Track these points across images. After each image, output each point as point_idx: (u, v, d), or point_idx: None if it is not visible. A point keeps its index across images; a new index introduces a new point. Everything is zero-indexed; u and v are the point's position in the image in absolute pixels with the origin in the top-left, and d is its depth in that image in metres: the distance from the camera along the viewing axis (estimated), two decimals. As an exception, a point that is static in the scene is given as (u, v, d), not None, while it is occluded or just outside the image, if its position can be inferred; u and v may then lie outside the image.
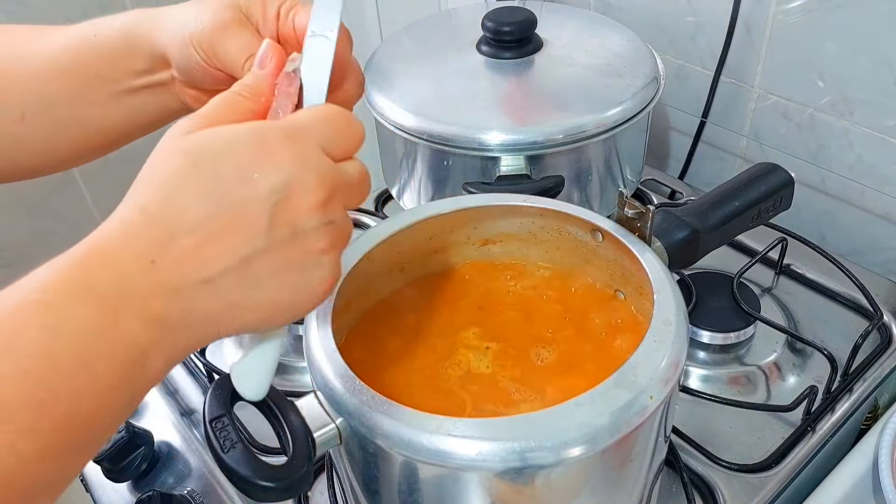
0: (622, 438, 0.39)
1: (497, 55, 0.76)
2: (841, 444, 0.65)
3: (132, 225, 0.32)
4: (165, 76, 0.46)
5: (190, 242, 0.32)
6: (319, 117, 0.36)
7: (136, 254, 0.31)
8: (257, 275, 0.33)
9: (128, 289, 0.31)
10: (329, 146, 0.35)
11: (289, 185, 0.33)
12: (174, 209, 0.32)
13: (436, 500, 0.42)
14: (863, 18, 0.70)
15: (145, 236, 0.32)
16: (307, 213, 0.34)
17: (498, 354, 0.49)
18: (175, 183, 0.33)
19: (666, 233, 0.51)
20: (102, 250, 0.31)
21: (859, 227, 0.81)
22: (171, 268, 0.32)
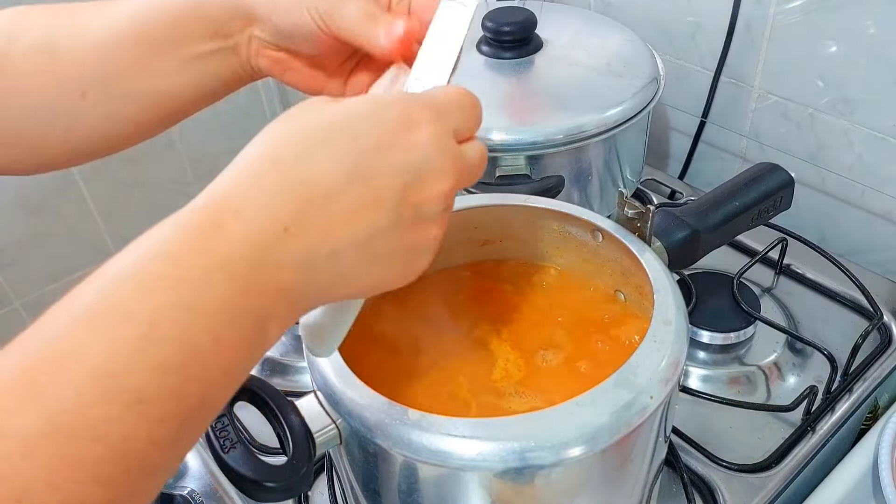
0: (622, 438, 0.39)
1: (497, 55, 0.76)
2: (841, 444, 0.65)
3: (265, 180, 0.30)
4: (241, 38, 0.44)
5: (324, 213, 0.31)
6: (454, 100, 0.36)
7: (270, 217, 0.30)
8: (376, 252, 0.33)
9: (261, 258, 0.29)
10: (459, 129, 0.35)
11: (423, 166, 0.33)
12: (309, 169, 0.31)
13: (436, 500, 0.41)
14: (863, 18, 0.70)
15: (280, 197, 0.30)
16: (434, 199, 0.33)
17: (498, 354, 0.49)
18: (311, 139, 0.31)
19: (666, 233, 0.51)
20: (235, 208, 0.30)
21: (859, 227, 0.81)
22: (303, 238, 0.30)
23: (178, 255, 0.29)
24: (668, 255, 0.50)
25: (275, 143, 0.32)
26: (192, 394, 0.28)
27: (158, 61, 0.44)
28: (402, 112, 0.33)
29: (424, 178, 0.33)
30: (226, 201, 0.30)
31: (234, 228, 0.29)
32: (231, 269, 0.29)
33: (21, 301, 1.48)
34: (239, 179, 0.31)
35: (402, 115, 0.33)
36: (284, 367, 0.70)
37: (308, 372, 0.44)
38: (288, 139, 0.32)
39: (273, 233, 0.30)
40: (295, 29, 0.42)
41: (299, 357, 0.70)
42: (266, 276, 0.30)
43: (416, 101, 0.34)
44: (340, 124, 0.32)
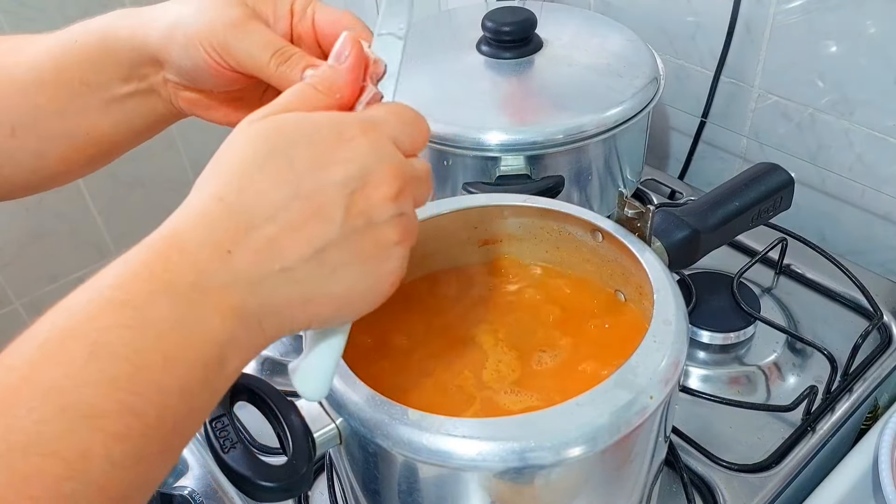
0: (622, 438, 0.39)
1: (497, 55, 0.76)
2: (841, 444, 0.65)
3: (208, 215, 0.31)
4: (156, 80, 0.44)
5: (267, 232, 0.31)
6: (392, 112, 0.36)
7: (214, 244, 0.31)
8: (332, 265, 0.33)
9: (206, 282, 0.30)
10: (400, 141, 0.35)
11: (364, 175, 0.33)
12: (250, 197, 0.32)
13: (436, 500, 0.41)
14: (863, 18, 0.70)
15: (222, 226, 0.31)
16: (381, 204, 0.33)
17: (498, 354, 0.49)
18: (250, 170, 0.32)
19: (666, 233, 0.51)
20: (178, 241, 0.31)
21: (859, 227, 0.81)
22: (248, 258, 0.31)
23: (123, 283, 0.30)
24: (668, 255, 0.50)
25: (217, 180, 0.32)
26: (149, 413, 0.28)
27: (81, 103, 0.44)
28: (333, 129, 0.33)
29: (367, 185, 0.33)
30: (172, 237, 0.31)
31: (178, 259, 0.30)
32: (175, 291, 0.30)
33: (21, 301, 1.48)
34: (185, 219, 0.32)
35: (335, 133, 0.33)
36: (284, 367, 0.70)
37: (308, 372, 0.43)
38: (229, 174, 0.32)
39: (216, 258, 0.31)
40: (195, 68, 0.41)
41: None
42: (213, 298, 0.30)
43: (345, 117, 0.35)
44: (275, 150, 0.33)
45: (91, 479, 0.26)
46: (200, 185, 0.33)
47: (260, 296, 0.32)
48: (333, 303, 0.34)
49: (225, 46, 0.40)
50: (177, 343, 0.29)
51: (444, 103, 0.72)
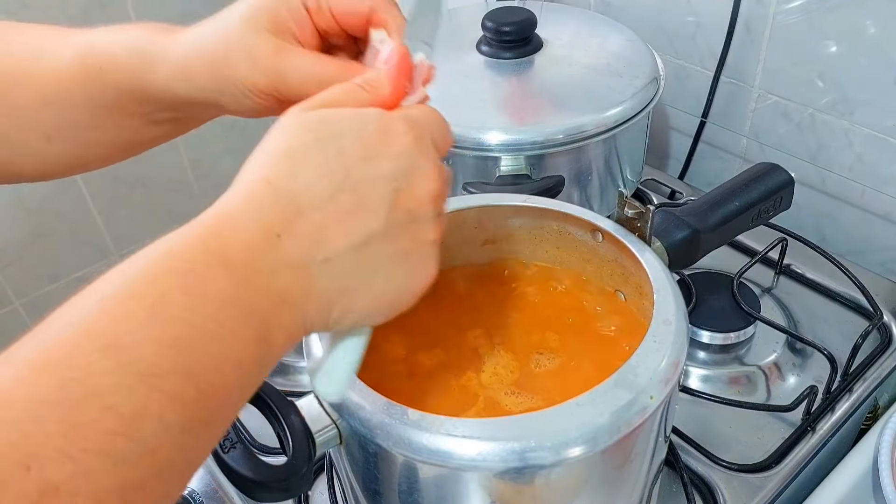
0: (622, 438, 0.39)
1: (497, 55, 0.76)
2: (841, 444, 0.65)
3: (259, 197, 0.32)
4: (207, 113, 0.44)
5: (315, 220, 0.32)
6: (429, 113, 0.37)
7: (264, 226, 0.31)
8: (373, 259, 0.33)
9: (257, 262, 0.31)
10: (436, 141, 0.36)
11: (411, 172, 0.34)
12: (300, 184, 0.32)
13: (436, 500, 0.41)
14: (863, 18, 0.70)
15: (271, 209, 0.32)
16: (425, 202, 0.34)
17: (498, 354, 0.49)
18: (300, 157, 0.33)
19: (666, 233, 0.51)
20: (230, 219, 0.31)
21: (859, 227, 0.81)
22: (295, 244, 0.32)
23: (182, 253, 0.30)
24: (668, 255, 0.50)
25: (268, 164, 0.33)
26: (202, 378, 0.29)
27: (121, 119, 0.45)
28: (382, 123, 0.34)
29: (413, 181, 0.34)
30: (223, 215, 0.32)
31: (230, 235, 0.31)
32: (232, 267, 0.30)
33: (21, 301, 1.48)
34: (236, 199, 0.32)
35: (383, 126, 0.34)
36: (284, 367, 0.70)
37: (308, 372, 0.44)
38: (279, 159, 0.33)
39: (266, 240, 0.31)
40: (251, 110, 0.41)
41: (299, 357, 0.70)
42: (263, 279, 0.31)
43: (392, 113, 0.35)
44: (324, 139, 0.33)
45: (142, 438, 0.26)
46: (250, 168, 0.33)
47: (304, 281, 0.32)
48: (370, 298, 0.34)
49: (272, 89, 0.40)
50: (234, 317, 0.30)
51: (444, 103, 0.71)
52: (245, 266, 0.30)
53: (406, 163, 0.34)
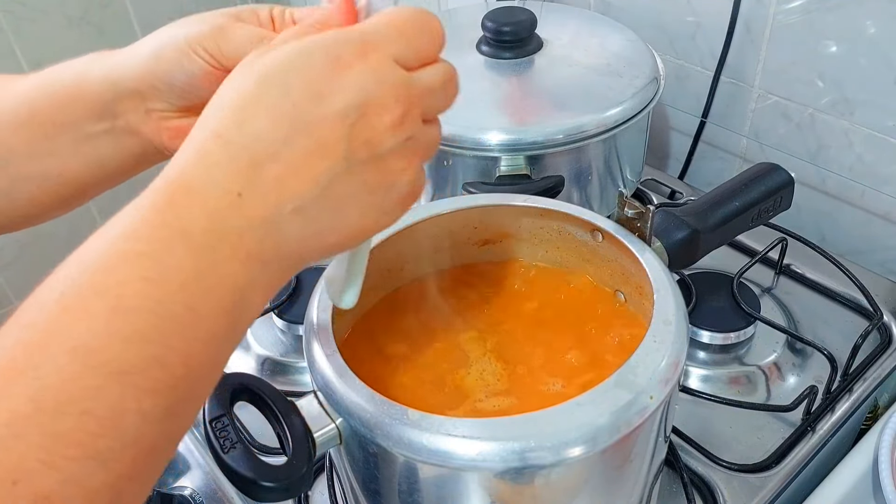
0: (622, 438, 0.39)
1: (497, 55, 0.76)
2: (841, 444, 0.65)
3: (210, 155, 0.31)
4: (135, 116, 0.43)
5: (273, 172, 0.31)
6: (390, 24, 0.33)
7: (222, 188, 0.30)
8: (340, 198, 0.32)
9: (220, 227, 0.30)
10: (403, 55, 0.33)
11: (363, 104, 0.31)
12: (249, 134, 0.31)
13: (436, 500, 0.42)
14: (863, 18, 0.70)
15: (226, 166, 0.30)
16: (384, 134, 0.32)
17: (498, 354, 0.49)
18: (246, 104, 0.31)
19: (666, 233, 0.51)
20: (186, 185, 0.30)
21: (859, 227, 0.81)
22: (259, 200, 0.30)
23: (138, 232, 0.29)
24: (668, 255, 0.50)
25: (215, 116, 0.32)
26: (176, 363, 0.28)
27: (51, 144, 0.44)
28: (328, 54, 0.32)
29: (368, 114, 0.32)
30: (178, 180, 0.30)
31: (187, 202, 0.30)
32: (191, 239, 0.29)
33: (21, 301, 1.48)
34: (187, 157, 0.31)
35: (330, 58, 0.32)
36: (284, 367, 0.70)
37: (308, 372, 0.44)
38: (225, 108, 0.32)
39: (226, 201, 0.30)
40: (191, 78, 0.41)
41: (299, 357, 0.70)
42: (230, 244, 0.30)
43: (340, 39, 0.32)
44: (269, 81, 0.32)
45: (124, 434, 0.26)
46: (199, 124, 0.32)
47: (276, 237, 0.31)
48: (346, 233, 0.34)
49: (214, 44, 0.40)
50: (198, 293, 0.29)
51: (444, 103, 0.72)
52: (207, 235, 0.30)
53: (356, 95, 0.31)
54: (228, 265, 0.30)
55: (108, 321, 0.27)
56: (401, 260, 0.53)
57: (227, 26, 0.40)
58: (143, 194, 0.30)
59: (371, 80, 0.32)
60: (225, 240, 0.30)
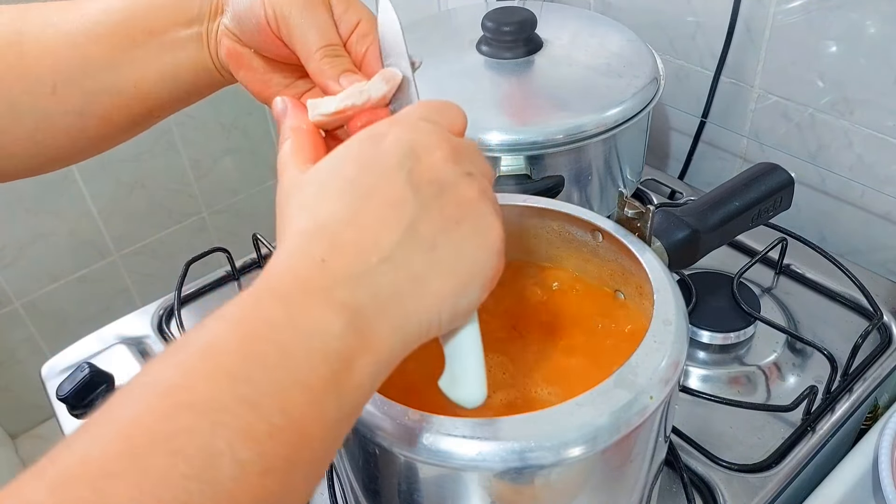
0: (622, 438, 0.39)
1: (497, 55, 0.76)
2: (841, 444, 0.65)
3: (290, 247, 0.32)
4: (212, 25, 0.44)
5: (350, 234, 0.32)
6: (417, 104, 0.38)
7: (307, 257, 0.31)
8: (429, 237, 0.32)
9: (308, 286, 0.30)
10: (431, 119, 0.36)
11: (412, 151, 0.34)
12: (323, 217, 0.32)
13: (436, 500, 0.42)
14: (863, 18, 0.70)
15: (308, 245, 0.32)
16: (443, 168, 0.34)
17: (497, 354, 0.49)
18: (311, 203, 0.33)
19: (666, 233, 0.51)
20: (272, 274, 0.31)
21: (859, 227, 0.81)
22: (343, 261, 0.31)
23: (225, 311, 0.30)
24: (668, 255, 0.50)
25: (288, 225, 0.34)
26: (271, 408, 0.27)
27: (133, 53, 0.44)
28: (365, 137, 0.35)
29: (419, 157, 0.34)
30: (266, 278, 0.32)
31: (276, 277, 0.31)
32: (280, 294, 0.30)
33: (21, 301, 1.48)
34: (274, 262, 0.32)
35: (367, 138, 0.35)
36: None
37: (308, 372, 0.44)
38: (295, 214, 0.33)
39: (312, 266, 0.31)
40: (248, 17, 0.42)
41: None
42: (319, 297, 0.30)
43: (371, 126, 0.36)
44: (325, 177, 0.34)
45: (218, 480, 0.25)
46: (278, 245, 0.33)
47: (368, 286, 0.31)
48: (446, 275, 0.33)
49: (285, 18, 0.40)
50: (291, 336, 0.29)
51: (444, 103, 0.72)
52: (296, 291, 0.30)
53: (405, 147, 0.34)
54: (321, 313, 0.30)
55: (195, 364, 0.27)
56: (401, 260, 0.53)
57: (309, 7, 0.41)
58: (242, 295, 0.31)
59: (409, 132, 0.35)
60: (313, 294, 0.30)
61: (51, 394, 0.69)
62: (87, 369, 0.65)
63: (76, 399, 0.65)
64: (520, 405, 0.46)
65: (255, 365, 0.28)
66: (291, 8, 0.40)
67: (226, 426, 0.26)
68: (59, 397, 0.64)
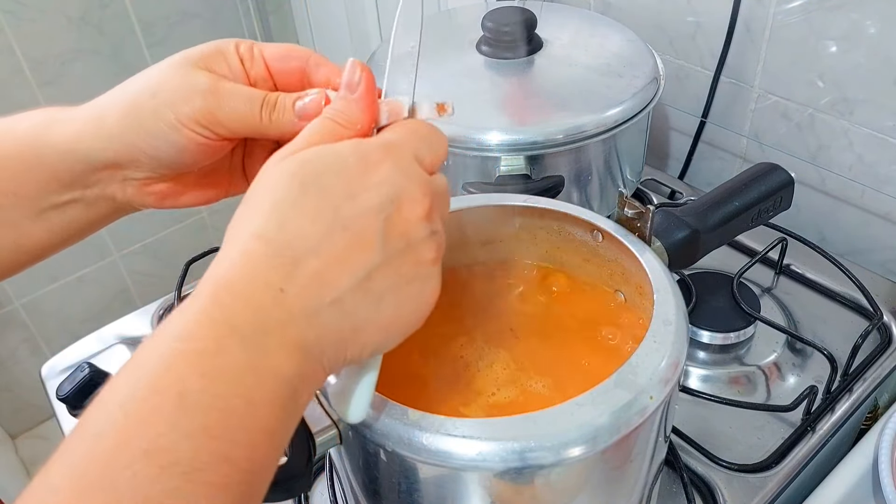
0: (622, 438, 0.39)
1: (497, 55, 0.76)
2: (841, 444, 0.65)
3: (251, 254, 0.31)
4: (109, 186, 0.41)
5: (313, 266, 0.31)
6: (409, 130, 0.36)
7: (265, 283, 0.31)
8: (379, 290, 0.33)
9: (265, 321, 0.30)
10: (421, 157, 0.36)
11: (397, 198, 0.33)
12: (291, 233, 0.32)
13: (436, 500, 0.41)
14: (863, 18, 0.70)
15: (268, 264, 0.31)
16: (417, 224, 0.34)
17: (498, 354, 0.49)
18: (285, 206, 0.32)
19: (666, 233, 0.51)
20: (227, 283, 0.31)
21: (859, 227, 0.81)
22: (300, 294, 0.31)
23: (189, 332, 0.29)
24: (668, 255, 0.50)
25: (255, 218, 0.32)
26: (241, 458, 0.28)
27: (7, 214, 0.41)
28: (358, 156, 0.34)
29: (401, 207, 0.33)
30: (219, 280, 0.31)
31: (231, 301, 0.30)
32: (241, 334, 0.30)
33: (21, 301, 1.48)
34: (231, 261, 0.31)
35: (361, 158, 0.34)
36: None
37: (308, 372, 0.44)
38: (265, 211, 0.32)
39: (269, 296, 0.31)
40: (179, 152, 0.39)
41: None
42: (276, 337, 0.30)
43: (367, 142, 0.35)
44: (305, 183, 0.33)
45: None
46: (238, 225, 0.33)
47: (316, 328, 0.32)
48: (381, 329, 0.34)
49: (209, 116, 0.38)
50: (253, 385, 0.29)
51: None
52: (254, 329, 0.30)
53: (390, 190, 0.33)
54: (276, 357, 0.30)
55: (173, 420, 0.27)
56: (401, 260, 0.53)
57: (214, 91, 0.38)
58: (191, 298, 0.31)
59: (400, 176, 0.34)
60: (271, 333, 0.30)
61: (51, 394, 0.69)
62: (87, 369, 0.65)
63: (76, 399, 0.65)
64: (520, 404, 0.46)
65: (228, 419, 0.28)
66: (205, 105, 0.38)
67: (206, 483, 0.27)
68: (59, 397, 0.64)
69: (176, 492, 0.26)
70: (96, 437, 0.27)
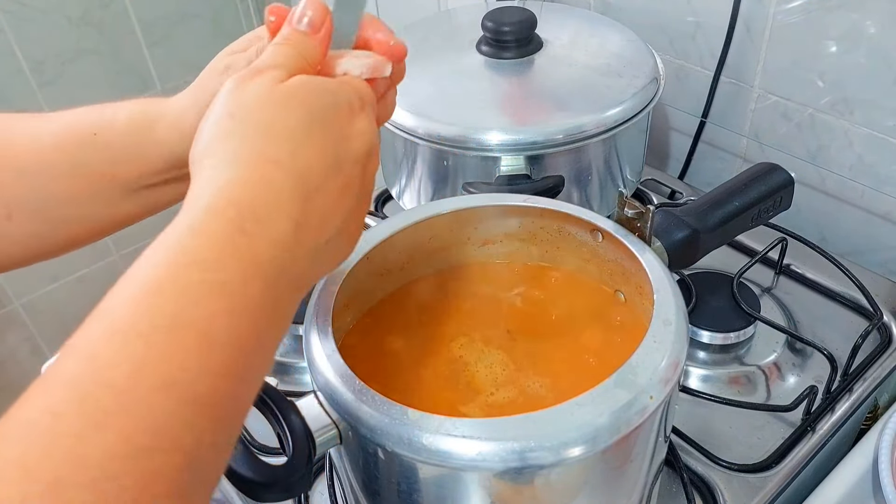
0: (622, 438, 0.39)
1: (497, 55, 0.76)
2: (841, 444, 0.65)
3: (273, 182, 0.32)
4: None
5: (319, 203, 0.33)
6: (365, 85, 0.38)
7: (287, 215, 0.32)
8: (350, 231, 0.36)
9: (283, 259, 0.31)
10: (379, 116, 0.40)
11: (373, 151, 0.36)
12: (302, 164, 0.33)
13: (436, 500, 0.42)
14: (863, 18, 0.70)
15: (289, 195, 0.32)
16: (372, 176, 0.37)
17: (498, 354, 0.49)
18: (299, 134, 0.33)
19: (666, 233, 0.51)
20: (254, 212, 0.31)
21: (859, 227, 0.81)
22: (310, 232, 0.33)
23: (215, 261, 0.29)
24: (668, 255, 0.50)
25: (268, 143, 0.32)
26: (242, 396, 0.29)
27: (102, 192, 0.43)
28: (346, 100, 0.36)
29: (372, 159, 0.37)
30: (245, 205, 0.31)
31: (257, 230, 0.31)
32: (262, 273, 0.30)
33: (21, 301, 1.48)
34: (246, 181, 0.31)
35: (347, 104, 0.36)
36: (284, 367, 0.70)
37: (308, 372, 0.44)
38: (279, 137, 0.33)
39: (288, 229, 0.32)
40: None
41: (299, 357, 0.70)
42: (288, 273, 0.32)
43: (349, 87, 0.36)
44: (312, 115, 0.34)
45: (201, 466, 0.27)
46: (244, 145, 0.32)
47: (313, 264, 0.34)
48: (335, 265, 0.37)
49: None
50: (267, 327, 0.31)
51: (444, 103, 0.72)
52: (273, 267, 0.31)
53: (369, 141, 0.36)
54: (287, 297, 0.32)
55: (196, 356, 0.27)
56: (401, 260, 0.53)
57: None
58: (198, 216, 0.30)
59: (371, 129, 0.36)
60: (285, 271, 0.31)
61: (51, 394, 0.69)
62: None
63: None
64: (520, 403, 0.46)
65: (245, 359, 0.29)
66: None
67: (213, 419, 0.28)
68: (59, 397, 0.64)
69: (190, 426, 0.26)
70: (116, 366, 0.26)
